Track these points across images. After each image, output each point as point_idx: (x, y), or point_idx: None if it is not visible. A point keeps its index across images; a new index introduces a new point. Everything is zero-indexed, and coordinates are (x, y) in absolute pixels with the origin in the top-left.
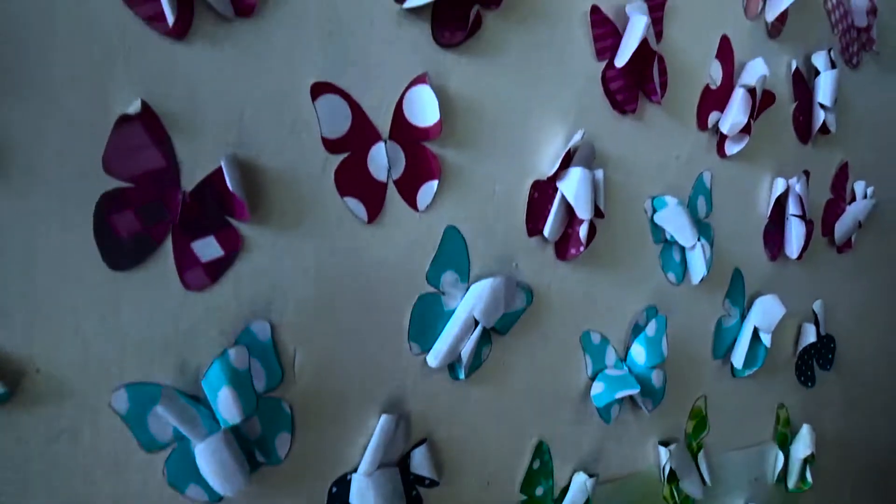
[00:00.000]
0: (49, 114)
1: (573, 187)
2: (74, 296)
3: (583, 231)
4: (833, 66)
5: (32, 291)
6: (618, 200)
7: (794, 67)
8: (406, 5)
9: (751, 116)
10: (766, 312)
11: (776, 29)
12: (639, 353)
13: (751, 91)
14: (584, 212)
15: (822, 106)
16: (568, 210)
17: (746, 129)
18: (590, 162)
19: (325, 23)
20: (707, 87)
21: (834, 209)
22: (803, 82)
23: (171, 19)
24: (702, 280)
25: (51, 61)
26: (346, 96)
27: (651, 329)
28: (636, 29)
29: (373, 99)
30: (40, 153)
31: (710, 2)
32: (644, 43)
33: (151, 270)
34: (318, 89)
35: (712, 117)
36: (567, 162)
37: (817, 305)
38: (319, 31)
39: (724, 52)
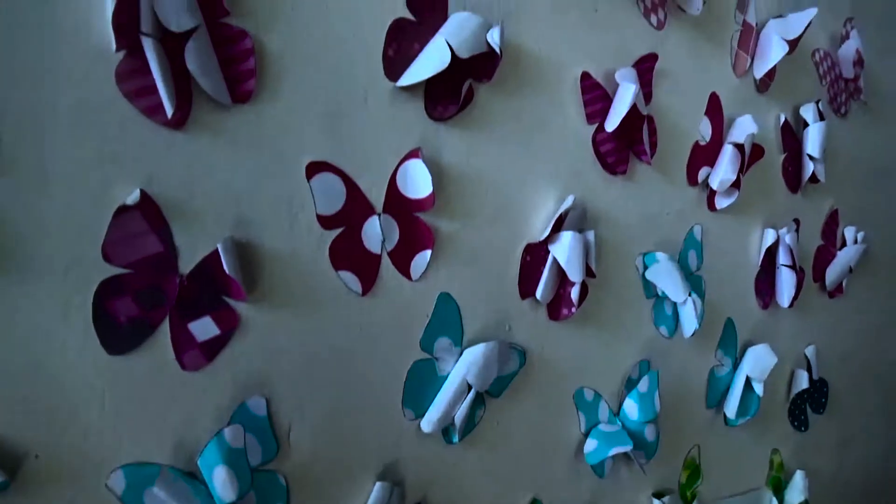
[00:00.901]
0: (50, 204)
1: (565, 251)
2: (73, 381)
3: (574, 293)
4: (821, 117)
5: (32, 377)
6: (609, 258)
7: (782, 120)
8: (400, 83)
9: (740, 171)
10: (758, 362)
11: (765, 84)
12: (632, 408)
13: (739, 148)
14: (575, 275)
15: (810, 157)
16: (560, 272)
17: (736, 185)
18: (581, 224)
19: (321, 103)
20: (697, 144)
21: (825, 255)
22: (792, 134)
23: (169, 111)
24: (693, 334)
25: (52, 153)
26: (340, 173)
27: (643, 385)
28: (625, 97)
29: (367, 174)
30: (41, 242)
31: (699, 61)
32: (633, 108)
33: (148, 354)
34: (314, 169)
35: (702, 172)
36: (559, 225)
37: (810, 351)
38: (315, 112)
39: (714, 109)
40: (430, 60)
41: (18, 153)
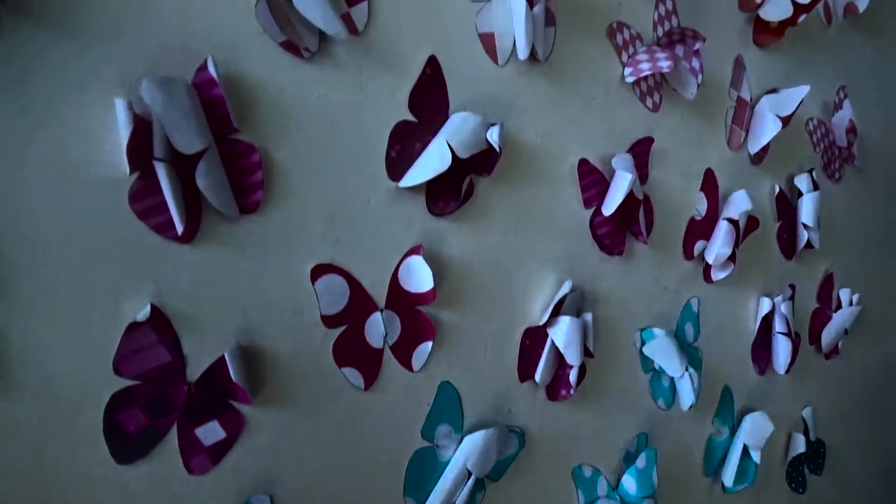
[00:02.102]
0: (62, 322)
1: (563, 335)
2: (83, 491)
3: (573, 375)
4: (815, 186)
5: (43, 490)
6: (607, 335)
7: (777, 191)
8: (402, 185)
9: (735, 245)
10: (755, 430)
11: (759, 157)
12: (630, 483)
13: (734, 223)
14: (573, 359)
15: (805, 226)
16: (558, 354)
17: (732, 258)
18: (580, 306)
19: (326, 207)
20: (692, 219)
21: (820, 317)
22: (787, 202)
23: (179, 228)
24: (691, 407)
25: (64, 272)
26: (344, 273)
27: (641, 461)
28: (622, 185)
29: (370, 272)
30: (53, 360)
31: (694, 139)
32: (630, 193)
33: (157, 461)
34: (318, 272)
35: (698, 246)
36: (557, 309)
37: (806, 412)
38: (320, 216)
39: (709, 184)
40: (432, 162)
41: (29, 273)
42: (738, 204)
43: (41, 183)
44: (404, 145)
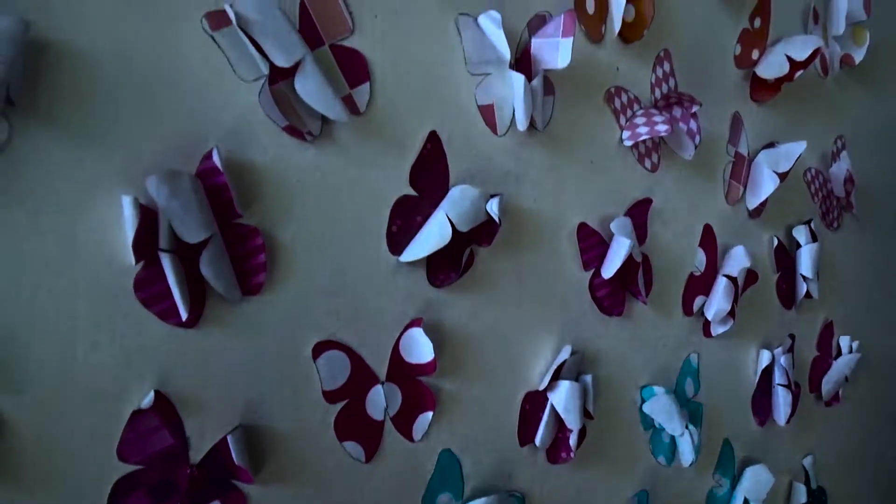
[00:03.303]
0: (68, 411)
1: (562, 400)
2: None
3: (573, 438)
4: (814, 238)
5: None
6: (607, 395)
7: (775, 243)
8: (403, 259)
9: (734, 301)
10: (755, 483)
11: (757, 211)
12: None
13: (733, 280)
14: (573, 423)
15: (804, 277)
16: (558, 418)
17: (731, 313)
18: (580, 368)
19: (328, 285)
20: (692, 275)
21: (821, 365)
22: (785, 253)
23: (184, 315)
24: (691, 464)
25: (71, 361)
26: (345, 349)
27: None
28: (620, 250)
29: (371, 345)
30: (59, 450)
31: (693, 196)
32: (629, 257)
33: None
34: (320, 348)
35: (697, 302)
36: (557, 373)
37: (807, 461)
38: (322, 294)
39: (707, 240)
40: (432, 236)
41: (40, 366)
42: (737, 260)
43: (49, 275)
44: (405, 220)
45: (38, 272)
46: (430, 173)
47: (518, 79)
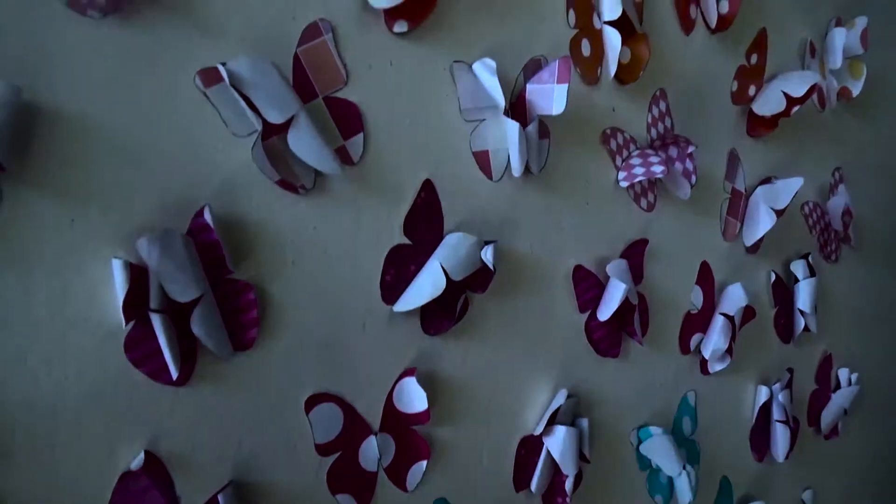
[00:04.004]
0: (57, 475)
1: (558, 446)
2: None
3: (569, 483)
4: (812, 272)
5: None
6: (604, 437)
7: (773, 278)
8: (397, 309)
9: (731, 339)
10: None
11: (755, 247)
12: None
13: (730, 318)
14: (569, 469)
15: (802, 312)
16: (554, 463)
17: (728, 351)
18: (576, 411)
19: (321, 337)
20: (688, 313)
21: (819, 399)
22: (783, 287)
23: (174, 374)
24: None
25: (60, 424)
26: (338, 401)
27: None
28: (616, 293)
29: (365, 396)
30: None
31: (689, 234)
32: (625, 299)
33: None
34: (312, 401)
35: (694, 339)
36: (553, 417)
37: (807, 496)
38: (315, 347)
39: (704, 277)
40: (426, 286)
41: (30, 429)
42: (734, 299)
43: (39, 337)
44: (399, 269)
45: (26, 335)
46: (425, 222)
47: (513, 126)
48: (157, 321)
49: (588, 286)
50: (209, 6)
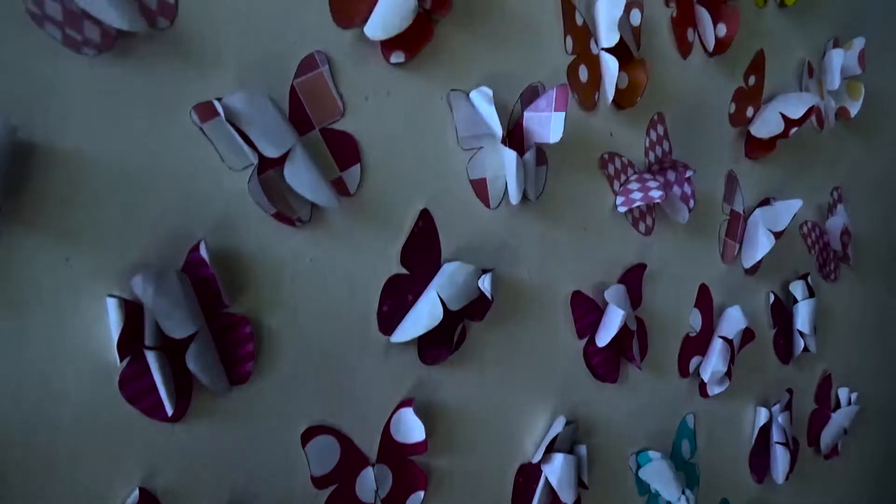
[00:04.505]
0: None
1: (557, 473)
2: None
3: None
4: (811, 292)
5: None
6: (602, 462)
7: (772, 299)
8: (393, 340)
9: (730, 362)
10: None
11: (754, 268)
12: None
13: (729, 342)
14: (567, 496)
15: (801, 333)
16: (552, 490)
17: (727, 374)
18: (574, 437)
19: (318, 369)
20: (687, 336)
21: (819, 418)
22: (782, 307)
23: (170, 411)
24: None
25: (54, 460)
26: (335, 433)
27: None
28: (615, 320)
29: (362, 427)
30: None
31: (688, 257)
32: (623, 325)
33: None
34: (309, 434)
35: (693, 362)
36: (552, 445)
37: None
38: (312, 379)
39: (703, 299)
40: (423, 316)
41: (23, 468)
42: (733, 322)
43: (34, 375)
44: (396, 299)
45: (21, 373)
46: (422, 251)
47: (510, 156)
48: (152, 358)
49: (586, 311)
50: (205, 41)
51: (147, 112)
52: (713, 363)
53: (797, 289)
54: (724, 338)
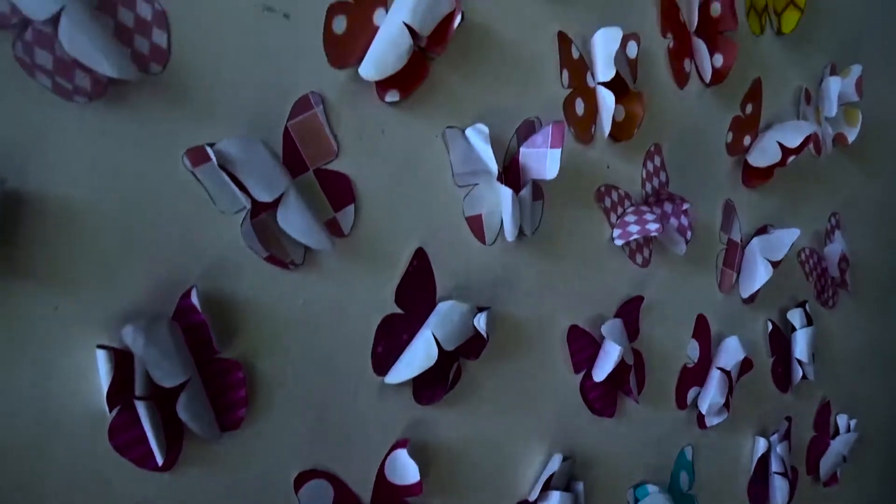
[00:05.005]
0: None
1: None
2: None
3: None
4: (809, 321)
5: None
6: (600, 497)
7: (770, 328)
8: (388, 381)
9: (729, 394)
10: None
11: (751, 298)
12: None
13: (727, 374)
14: None
15: (799, 362)
16: None
17: (726, 405)
18: (571, 473)
19: (311, 412)
20: (685, 366)
21: (818, 446)
22: (781, 336)
23: (160, 460)
24: None
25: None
26: (328, 476)
27: None
28: (612, 354)
29: (356, 470)
30: None
31: (685, 287)
32: (620, 360)
33: None
34: (302, 478)
35: (691, 393)
36: (548, 482)
37: None
38: (305, 421)
39: (701, 330)
40: (418, 357)
41: None
42: (731, 353)
43: (22, 424)
44: (390, 339)
45: (9, 422)
46: (417, 290)
47: (506, 193)
48: (142, 408)
49: (583, 346)
50: (198, 85)
51: (139, 158)
52: (711, 395)
53: (795, 317)
54: (721, 369)
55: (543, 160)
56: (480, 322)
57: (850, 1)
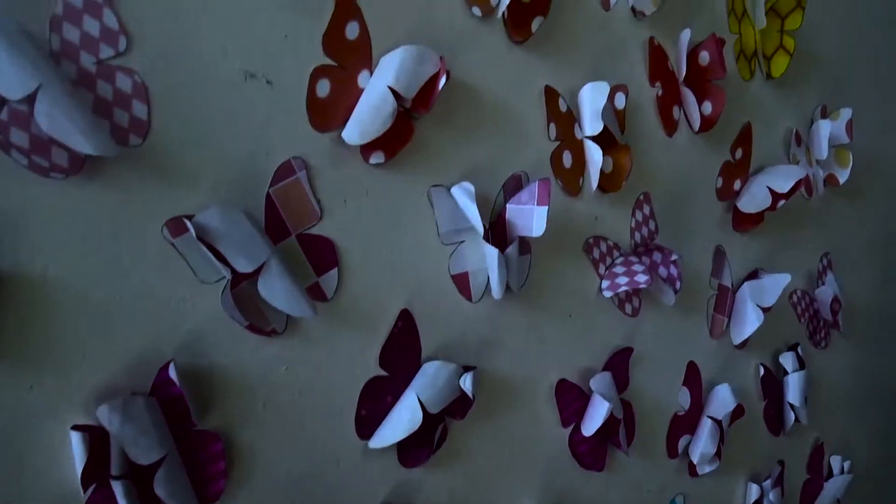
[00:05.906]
0: None
1: None
2: None
3: None
4: (801, 364)
5: None
6: None
7: (762, 372)
8: (372, 445)
9: (720, 442)
10: None
11: (743, 343)
12: None
13: (718, 423)
14: None
15: (792, 406)
16: None
17: (717, 454)
18: None
19: (294, 476)
20: (676, 415)
21: (812, 488)
22: (773, 379)
23: None
24: None
25: None
26: None
27: None
28: (600, 410)
29: None
30: None
31: (675, 335)
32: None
33: None
34: None
35: (682, 442)
36: None
37: None
38: (287, 489)
39: (692, 378)
40: (402, 421)
41: None
42: (722, 401)
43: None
44: (375, 402)
45: None
46: (402, 352)
47: (492, 253)
48: (118, 488)
49: (571, 399)
50: (179, 155)
51: (117, 231)
52: (702, 444)
53: (787, 360)
54: (713, 418)
55: (530, 218)
56: (466, 383)
57: (839, 44)
